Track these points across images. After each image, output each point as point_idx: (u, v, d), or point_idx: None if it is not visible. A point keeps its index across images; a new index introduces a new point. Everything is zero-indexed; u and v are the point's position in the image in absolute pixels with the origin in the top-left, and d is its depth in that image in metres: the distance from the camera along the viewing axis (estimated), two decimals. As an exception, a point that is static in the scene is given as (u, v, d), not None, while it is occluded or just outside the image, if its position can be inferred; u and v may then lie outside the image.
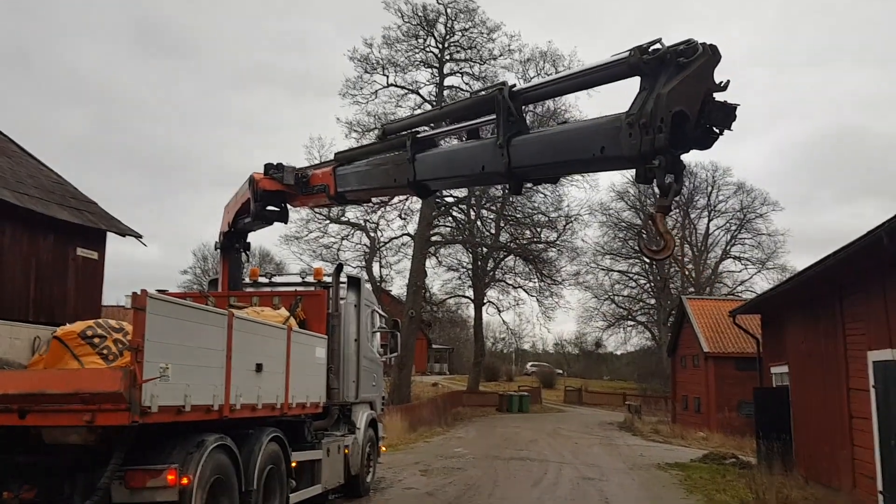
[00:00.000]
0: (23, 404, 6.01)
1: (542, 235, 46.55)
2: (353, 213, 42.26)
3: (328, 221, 41.79)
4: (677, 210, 65.37)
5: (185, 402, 6.74)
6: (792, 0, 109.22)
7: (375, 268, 43.37)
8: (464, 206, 45.76)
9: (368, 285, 13.80)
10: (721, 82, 6.27)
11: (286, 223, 11.92)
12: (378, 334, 14.11)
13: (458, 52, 42.52)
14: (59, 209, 11.86)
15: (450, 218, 45.99)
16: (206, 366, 7.22)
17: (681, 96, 6.18)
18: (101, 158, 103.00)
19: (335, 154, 11.14)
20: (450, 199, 44.46)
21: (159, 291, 11.03)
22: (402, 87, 42.25)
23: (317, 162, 37.88)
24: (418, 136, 9.36)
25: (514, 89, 7.93)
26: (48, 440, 6.19)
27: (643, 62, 6.38)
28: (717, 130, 6.39)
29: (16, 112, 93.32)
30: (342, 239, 42.62)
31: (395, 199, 42.31)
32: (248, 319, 8.43)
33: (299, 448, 9.96)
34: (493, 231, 48.47)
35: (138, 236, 13.57)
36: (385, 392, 15.28)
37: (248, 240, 12.16)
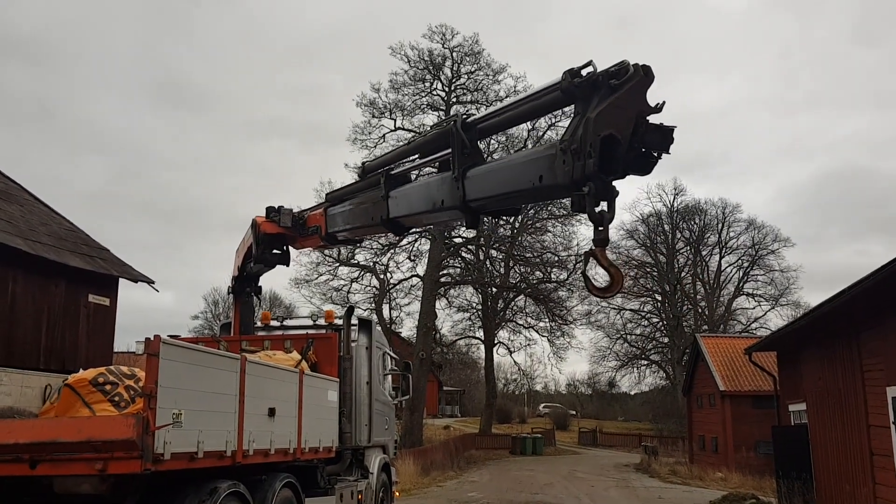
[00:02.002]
0: (34, 454, 5.93)
1: (552, 275, 46.46)
2: (362, 255, 42.45)
3: (338, 264, 41.92)
4: (688, 248, 65.35)
5: (198, 448, 6.65)
6: (790, 49, 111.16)
7: (385, 310, 43.35)
8: (472, 247, 45.80)
9: (379, 328, 13.73)
10: (657, 104, 6.09)
11: (287, 265, 11.92)
12: (389, 377, 14.00)
13: (464, 94, 43.02)
14: (70, 256, 11.90)
15: (459, 258, 46.01)
16: (219, 411, 7.15)
17: (610, 119, 5.97)
18: (118, 207, 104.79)
19: (325, 195, 11.18)
20: (458, 240, 44.56)
21: (171, 337, 11.05)
22: (410, 131, 42.63)
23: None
24: (392, 172, 9.33)
25: (468, 120, 7.80)
26: (59, 490, 6.09)
27: (574, 86, 6.22)
28: (655, 154, 6.20)
29: (38, 164, 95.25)
30: (352, 281, 42.70)
31: (405, 241, 42.61)
32: (260, 363, 8.37)
33: (312, 494, 9.80)
34: (502, 271, 48.41)
35: (150, 282, 13.60)
36: (397, 435, 15.09)
37: (259, 284, 12.16)
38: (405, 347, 45.61)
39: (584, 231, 45.82)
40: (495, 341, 51.40)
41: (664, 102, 6.25)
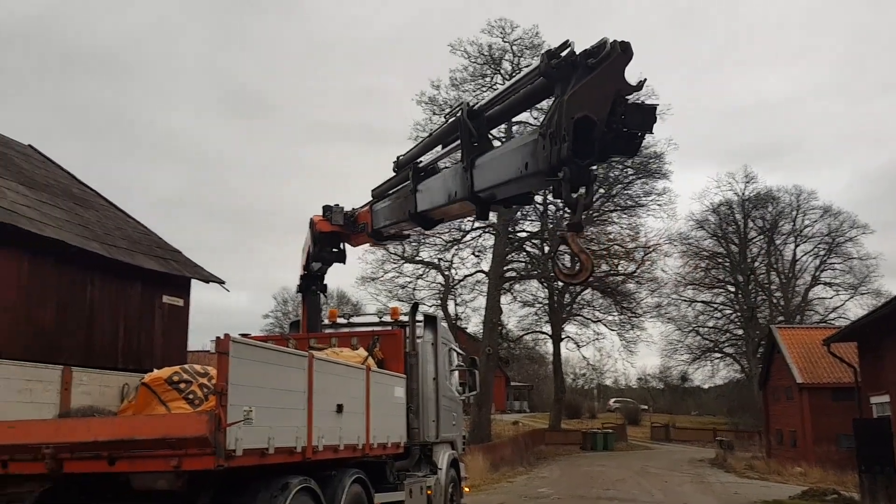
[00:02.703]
0: (112, 451, 6.11)
1: (619, 267, 45.77)
2: (426, 252, 42.62)
3: (403, 261, 42.19)
4: (761, 237, 63.50)
5: (269, 444, 6.74)
6: (857, 36, 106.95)
7: (451, 306, 43.41)
8: (537, 241, 45.49)
9: (444, 323, 13.74)
10: (638, 82, 5.83)
11: (343, 263, 12.07)
12: (456, 373, 13.99)
13: (525, 88, 42.64)
14: (144, 259, 12.26)
15: (524, 253, 45.74)
16: (289, 407, 7.24)
17: (584, 101, 5.73)
18: (192, 212, 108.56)
19: (371, 191, 11.24)
20: (522, 234, 44.33)
21: (242, 335, 11.25)
22: (472, 126, 42.52)
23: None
24: (419, 165, 9.19)
25: (474, 108, 7.59)
26: (137, 486, 6.26)
27: (552, 68, 6.00)
28: (640, 134, 5.92)
29: (118, 171, 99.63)
30: (417, 278, 42.90)
31: (468, 237, 42.63)
32: (327, 360, 8.45)
33: (382, 489, 9.87)
34: (568, 264, 47.75)
35: (221, 282, 13.93)
36: (465, 431, 15.08)
37: (324, 282, 12.30)
38: (471, 343, 45.59)
39: (651, 223, 45.13)
40: (563, 336, 50.92)
41: (645, 80, 6.04)
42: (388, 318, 12.59)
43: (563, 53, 6.08)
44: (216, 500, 6.68)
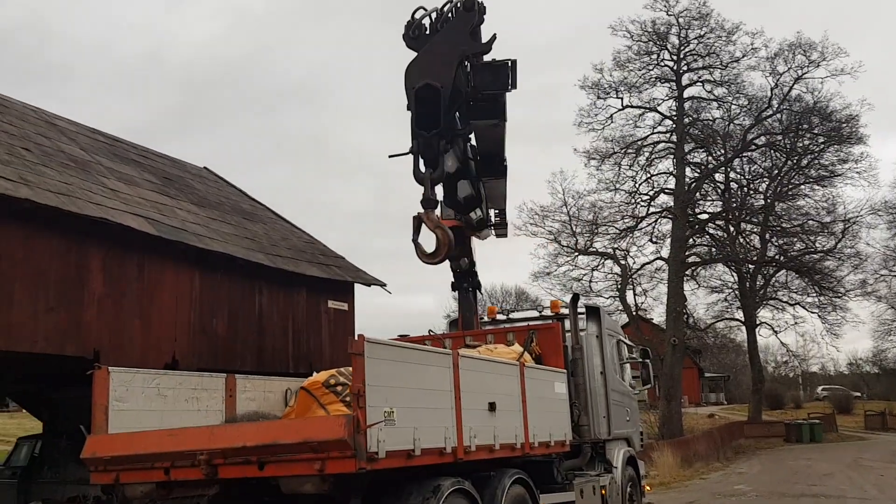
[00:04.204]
0: (260, 455, 6.20)
1: (816, 244, 42.16)
2: (600, 242, 41.48)
3: (576, 253, 41.33)
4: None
5: (415, 445, 6.59)
6: None
7: (629, 296, 41.88)
8: (720, 222, 42.91)
9: (610, 315, 13.11)
10: (489, 40, 5.42)
11: (468, 258, 11.71)
12: (628, 366, 13.32)
13: (695, 60, 40.45)
14: (308, 266, 12.67)
15: (706, 236, 43.33)
16: (435, 407, 7.06)
17: (425, 68, 5.42)
18: (384, 223, 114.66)
19: None
20: (703, 216, 42.02)
21: (400, 336, 11.33)
22: (639, 107, 40.97)
23: (560, 196, 37.59)
24: None
25: None
26: (285, 490, 6.30)
27: (411, 38, 5.67)
28: (503, 94, 5.42)
29: (314, 190, 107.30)
30: (592, 270, 41.82)
31: (643, 223, 41.02)
32: (474, 357, 8.21)
33: (548, 490, 9.47)
34: (757, 245, 44.73)
35: (382, 285, 14.19)
36: (643, 427, 14.30)
37: (477, 279, 12.08)
38: (656, 334, 43.88)
39: (849, 192, 41.28)
40: (757, 322, 47.57)
41: (494, 36, 5.48)
42: (548, 313, 12.20)
43: (417, 17, 5.82)
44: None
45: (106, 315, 9.58)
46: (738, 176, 42.89)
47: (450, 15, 5.74)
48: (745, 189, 43.02)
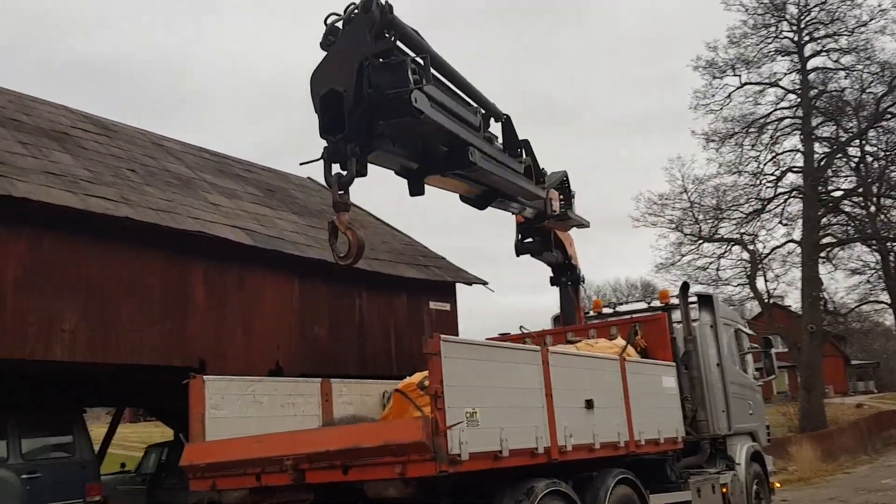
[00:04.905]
0: (344, 460, 6.14)
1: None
2: (726, 228, 39.57)
3: (700, 241, 39.58)
4: None
5: (502, 446, 6.34)
6: None
7: (760, 283, 39.69)
8: (857, 199, 40.00)
9: (724, 302, 12.36)
10: (386, 40, 5.52)
11: (550, 251, 11.13)
12: (750, 356, 12.52)
13: (817, 29, 37.88)
14: (406, 268, 12.66)
15: (842, 215, 40.49)
16: (523, 406, 6.79)
17: (329, 74, 5.46)
18: (493, 225, 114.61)
19: None
20: (837, 194, 39.32)
21: (501, 335, 11.11)
22: (759, 84, 38.81)
23: (679, 183, 36.25)
24: None
25: None
26: (371, 495, 6.22)
27: (326, 44, 5.65)
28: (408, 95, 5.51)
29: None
30: (719, 258, 39.90)
31: (771, 205, 38.85)
32: (566, 353, 7.86)
33: (660, 489, 8.97)
34: (902, 221, 41.33)
35: (484, 283, 14.01)
36: (768, 420, 13.37)
37: (576, 272, 11.63)
38: (792, 322, 41.46)
39: None
40: (905, 304, 44.02)
41: (392, 36, 5.59)
42: (657, 304, 11.63)
43: (329, 23, 5.82)
44: (456, 507, 6.44)
45: (209, 326, 9.88)
46: (875, 148, 39.82)
47: (351, 17, 5.69)
48: (884, 161, 39.89)
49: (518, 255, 11.11)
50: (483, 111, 7.83)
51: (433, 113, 6.14)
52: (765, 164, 38.96)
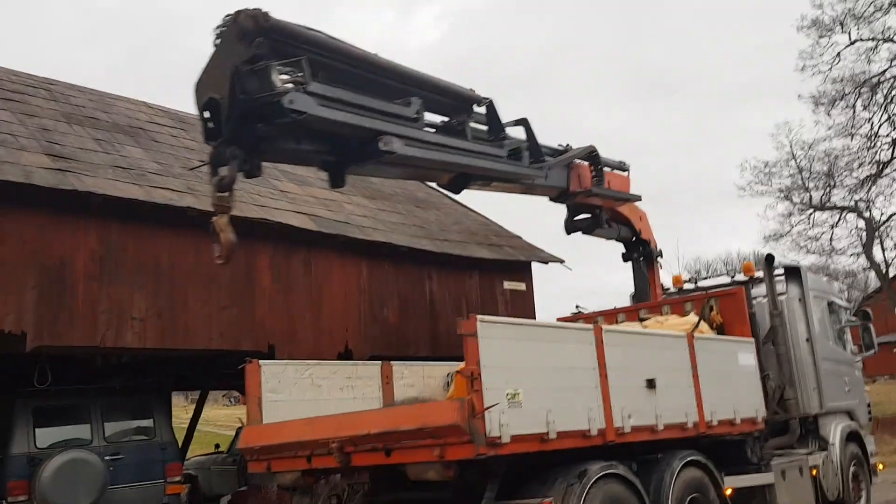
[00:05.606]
0: (385, 442, 6.10)
1: None
2: (839, 195, 37.22)
3: (811, 210, 37.42)
4: None
5: (548, 428, 6.13)
6: None
7: (877, 252, 37.17)
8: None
9: (815, 274, 11.57)
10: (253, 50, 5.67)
11: (602, 227, 10.88)
12: (847, 330, 11.72)
13: (940, -28, 34.89)
14: (477, 248, 12.49)
15: (966, 173, 37.36)
16: (574, 386, 6.54)
17: (209, 83, 5.66)
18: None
19: None
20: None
21: (574, 313, 10.80)
22: (871, 39, 36.14)
23: (787, 150, 34.20)
24: None
25: None
26: (413, 477, 6.14)
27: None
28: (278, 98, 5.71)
29: None
30: (832, 227, 37.62)
31: (889, 169, 36.28)
32: (622, 332, 7.53)
33: (737, 472, 8.50)
34: None
35: (560, 261, 13.66)
36: (869, 398, 12.46)
37: (649, 247, 11.14)
38: (918, 294, 38.66)
39: None
40: None
41: (258, 43, 5.66)
42: (741, 277, 11.01)
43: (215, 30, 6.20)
44: (508, 490, 6.29)
45: (277, 310, 10.04)
46: None
47: (224, 27, 5.82)
48: None
49: (568, 234, 10.84)
50: (448, 100, 7.96)
51: (322, 110, 6.25)
52: (880, 126, 36.36)
